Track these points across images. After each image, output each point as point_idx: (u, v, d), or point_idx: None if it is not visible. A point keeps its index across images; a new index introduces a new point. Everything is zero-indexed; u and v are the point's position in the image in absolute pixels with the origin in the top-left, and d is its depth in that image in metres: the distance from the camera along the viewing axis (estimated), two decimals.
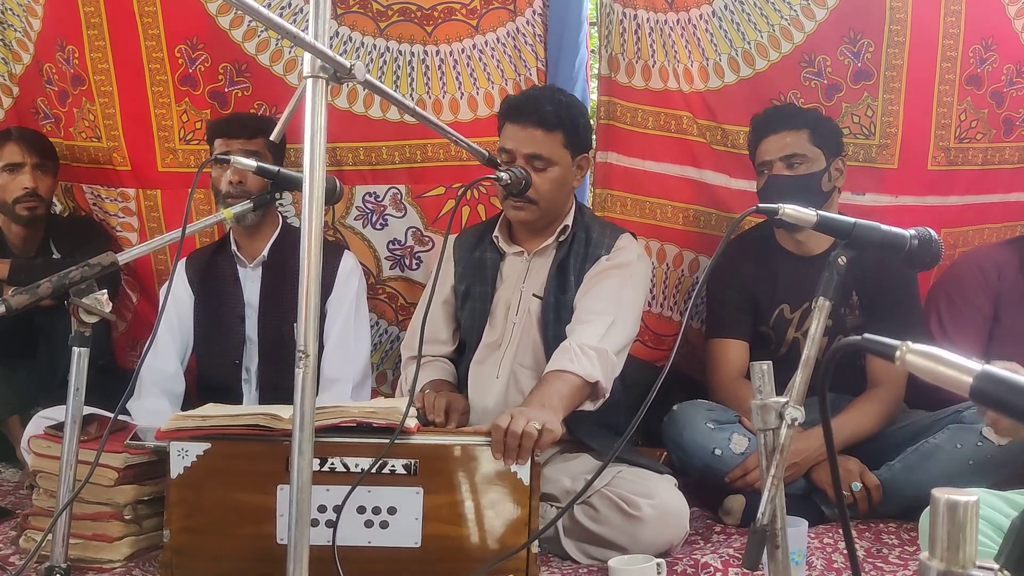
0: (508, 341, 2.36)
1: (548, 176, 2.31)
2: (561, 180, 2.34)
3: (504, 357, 2.35)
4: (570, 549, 2.07)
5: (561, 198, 2.37)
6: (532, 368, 2.33)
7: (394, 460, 1.85)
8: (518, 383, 2.32)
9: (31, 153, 2.83)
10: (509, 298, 2.39)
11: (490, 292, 2.42)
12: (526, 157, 2.29)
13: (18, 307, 1.54)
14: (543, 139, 2.30)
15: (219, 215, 1.93)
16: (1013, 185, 2.91)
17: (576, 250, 2.37)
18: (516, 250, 2.43)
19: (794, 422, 1.26)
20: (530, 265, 2.40)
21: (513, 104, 2.38)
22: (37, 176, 2.84)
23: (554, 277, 2.35)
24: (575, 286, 2.33)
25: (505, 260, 2.45)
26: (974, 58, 2.82)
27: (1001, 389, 0.73)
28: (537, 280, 2.38)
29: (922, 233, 1.41)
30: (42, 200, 2.86)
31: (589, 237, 2.39)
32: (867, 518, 2.31)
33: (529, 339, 2.35)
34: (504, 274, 2.43)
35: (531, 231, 2.41)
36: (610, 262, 2.34)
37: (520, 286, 2.39)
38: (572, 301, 2.31)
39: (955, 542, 0.71)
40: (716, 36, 2.89)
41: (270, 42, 2.93)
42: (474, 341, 2.41)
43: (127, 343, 3.20)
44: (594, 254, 2.36)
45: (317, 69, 1.27)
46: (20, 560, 2.06)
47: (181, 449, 1.87)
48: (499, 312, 2.40)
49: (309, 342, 1.26)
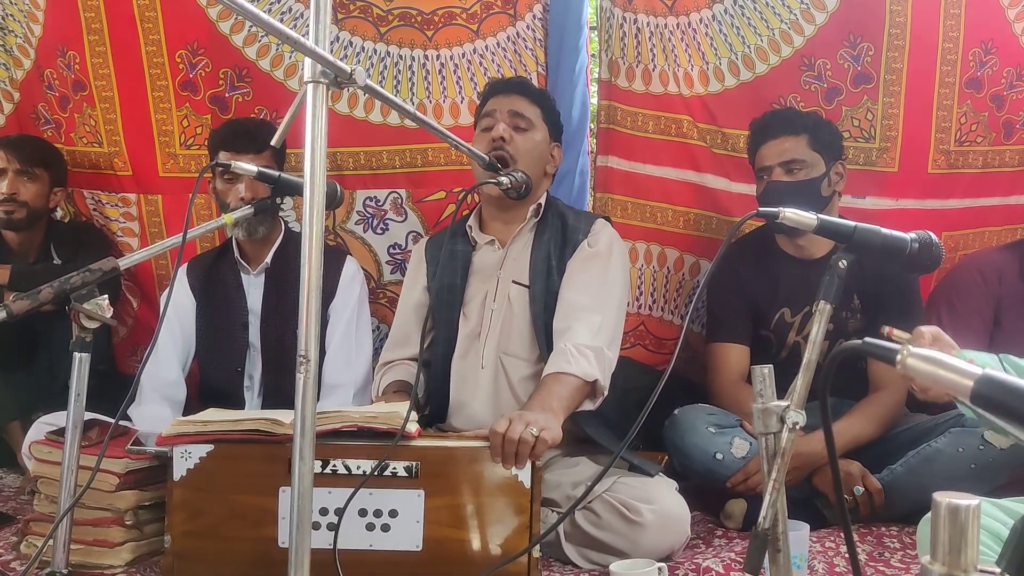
0: (488, 329, 2.34)
1: (529, 136, 2.36)
2: (538, 148, 2.38)
3: (486, 346, 2.33)
4: (571, 554, 2.07)
5: (537, 170, 2.39)
6: (518, 356, 2.32)
7: (395, 462, 1.85)
8: (506, 372, 2.32)
9: (14, 159, 2.84)
10: (486, 287, 2.38)
11: (461, 284, 2.40)
12: (510, 113, 2.36)
13: (19, 312, 1.54)
14: (526, 106, 2.40)
15: (220, 220, 1.93)
16: (1013, 188, 2.91)
17: (554, 235, 2.37)
18: (488, 239, 2.43)
19: (795, 426, 1.26)
20: (507, 252, 2.40)
21: (496, 81, 2.54)
22: (20, 182, 2.85)
23: (537, 264, 2.34)
24: (559, 272, 2.33)
25: (477, 250, 2.45)
26: (974, 61, 2.83)
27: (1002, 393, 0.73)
28: (516, 267, 2.37)
29: (923, 236, 1.41)
30: (23, 206, 2.86)
31: (565, 223, 2.39)
32: (869, 522, 2.31)
33: (512, 327, 2.33)
34: (477, 265, 2.43)
35: (503, 210, 2.41)
36: (592, 248, 2.35)
37: (497, 273, 2.38)
38: (557, 288, 2.31)
39: (957, 546, 0.71)
40: (716, 40, 2.89)
41: (270, 47, 2.94)
42: (450, 335, 2.39)
43: (127, 348, 3.20)
44: (573, 239, 2.36)
45: (318, 74, 1.27)
46: (21, 566, 2.05)
47: (184, 451, 1.87)
48: (475, 302, 2.38)
49: (310, 347, 1.26)
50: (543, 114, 2.42)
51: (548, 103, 2.47)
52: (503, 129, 2.32)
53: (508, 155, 2.31)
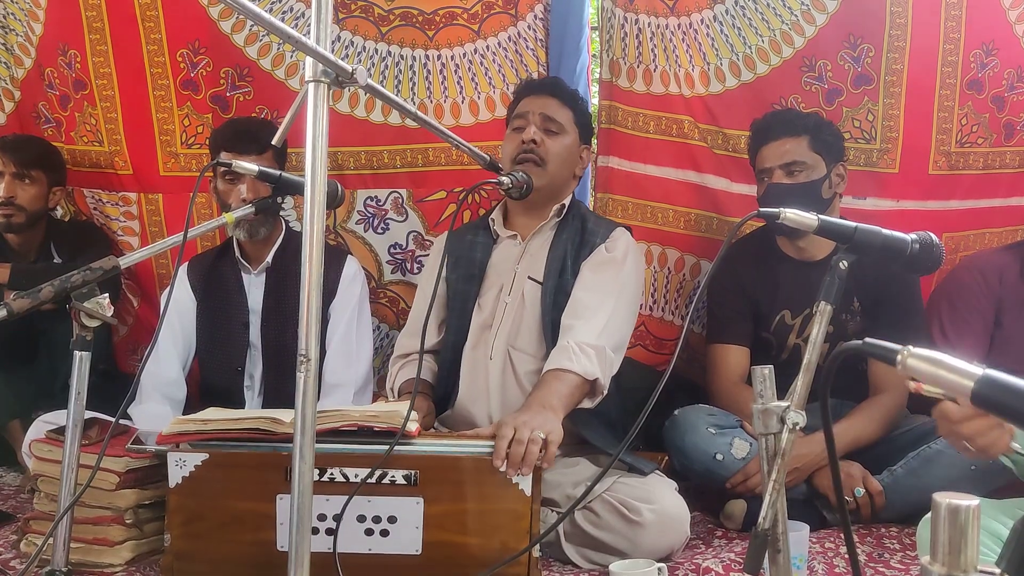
0: (499, 321, 2.35)
1: (560, 141, 2.39)
2: (568, 152, 2.41)
3: (496, 338, 2.34)
4: (571, 554, 2.07)
5: (565, 172, 2.41)
6: (525, 351, 2.33)
7: (394, 471, 1.84)
8: (513, 365, 2.32)
9: (10, 162, 2.83)
10: (502, 279, 2.40)
11: (479, 275, 2.42)
12: (542, 117, 2.38)
13: (19, 311, 1.54)
14: (558, 108, 2.42)
15: (220, 219, 1.93)
16: (1014, 189, 2.91)
17: (573, 236, 2.38)
18: (510, 233, 2.45)
19: (796, 427, 1.26)
20: (526, 247, 2.41)
21: (531, 80, 2.58)
22: (17, 186, 2.84)
23: (553, 262, 2.35)
24: (572, 272, 2.34)
25: (498, 243, 2.46)
26: (975, 63, 2.82)
27: (1003, 393, 0.73)
28: (533, 263, 2.39)
29: (923, 237, 1.41)
30: (21, 210, 2.85)
31: (585, 226, 2.41)
32: (869, 523, 2.31)
33: (523, 321, 2.34)
34: (495, 259, 2.44)
35: (528, 207, 2.42)
36: (609, 253, 2.35)
37: (515, 267, 2.40)
38: (569, 287, 2.32)
39: (956, 546, 0.71)
40: (717, 40, 2.89)
41: (272, 47, 2.94)
42: (462, 325, 2.40)
43: (128, 347, 3.20)
44: (590, 241, 2.37)
45: (319, 73, 1.27)
46: (21, 564, 2.05)
47: (178, 459, 1.87)
48: (490, 294, 2.40)
49: (310, 346, 1.27)
50: (574, 116, 2.44)
51: (580, 105, 2.49)
52: (534, 132, 2.35)
53: (538, 158, 2.34)
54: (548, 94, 2.44)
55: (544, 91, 2.45)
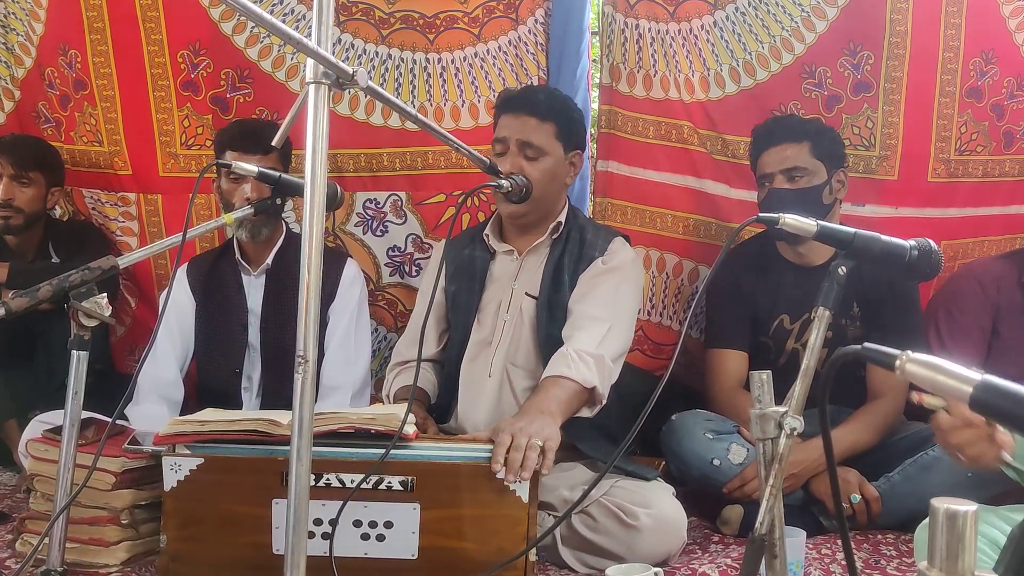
0: (499, 339, 2.35)
1: (539, 166, 2.31)
2: (553, 172, 2.34)
3: (496, 355, 2.34)
4: (568, 558, 2.07)
5: (553, 191, 2.37)
6: (523, 367, 2.33)
7: (390, 476, 1.84)
8: (511, 382, 2.32)
9: (9, 165, 2.82)
10: (500, 296, 2.39)
11: (478, 289, 2.41)
12: (519, 144, 2.31)
13: (17, 310, 1.53)
14: (536, 127, 2.32)
15: (220, 220, 1.92)
16: (1013, 198, 2.92)
17: (570, 250, 2.37)
18: (506, 248, 2.43)
19: (793, 432, 1.26)
20: (522, 264, 2.40)
21: (508, 95, 2.44)
22: (15, 188, 2.83)
23: (548, 277, 2.35)
24: (569, 286, 2.33)
25: (495, 259, 2.45)
26: (974, 71, 2.83)
27: (1001, 399, 0.73)
28: (530, 279, 2.38)
29: (922, 244, 1.42)
30: (19, 212, 2.84)
31: (583, 238, 2.39)
32: (865, 529, 2.31)
33: (521, 338, 2.34)
34: (494, 273, 2.43)
35: (522, 227, 2.41)
36: (605, 265, 2.34)
37: (512, 284, 2.39)
38: (566, 301, 2.31)
39: (954, 552, 0.71)
40: (717, 47, 2.90)
41: (272, 48, 2.94)
42: (463, 339, 2.40)
43: (125, 348, 3.20)
44: (588, 255, 2.35)
45: (319, 75, 1.27)
46: (17, 564, 2.05)
47: (174, 463, 1.86)
48: (489, 310, 2.39)
49: (308, 348, 1.26)
50: (556, 129, 2.34)
51: (562, 114, 2.37)
52: (511, 164, 2.29)
53: (522, 191, 2.28)
54: (526, 112, 2.32)
55: (522, 109, 2.33)
